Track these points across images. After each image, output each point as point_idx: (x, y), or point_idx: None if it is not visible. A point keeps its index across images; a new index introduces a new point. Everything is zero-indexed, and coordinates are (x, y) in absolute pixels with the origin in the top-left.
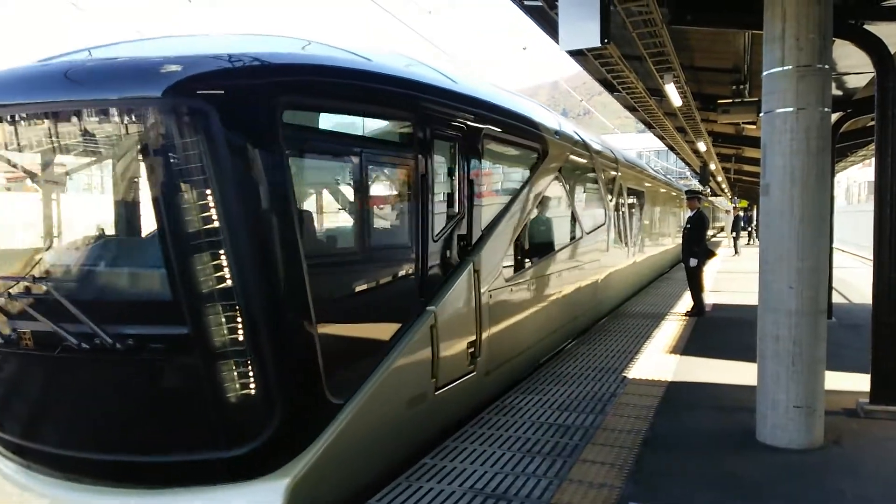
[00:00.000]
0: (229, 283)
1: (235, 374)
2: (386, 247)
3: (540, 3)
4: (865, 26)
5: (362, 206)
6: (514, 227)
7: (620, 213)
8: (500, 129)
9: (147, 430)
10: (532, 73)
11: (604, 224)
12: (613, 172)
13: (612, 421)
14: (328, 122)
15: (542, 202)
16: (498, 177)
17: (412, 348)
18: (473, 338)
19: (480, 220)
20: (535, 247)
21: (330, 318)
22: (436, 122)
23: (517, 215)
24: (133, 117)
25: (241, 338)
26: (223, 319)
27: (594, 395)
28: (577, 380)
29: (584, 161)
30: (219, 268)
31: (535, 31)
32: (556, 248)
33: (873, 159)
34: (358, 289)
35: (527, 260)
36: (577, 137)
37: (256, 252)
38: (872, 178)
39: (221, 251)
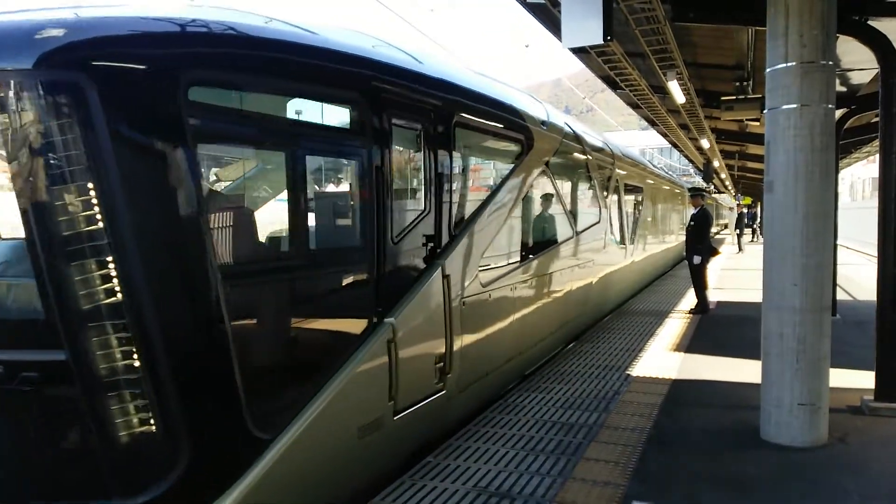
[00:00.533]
0: (119, 296)
1: (129, 407)
2: (332, 250)
3: (543, 1)
4: (869, 22)
5: (298, 204)
6: (494, 227)
7: (618, 210)
8: (475, 118)
9: (28, 476)
10: (535, 71)
11: (598, 222)
12: (610, 168)
13: (616, 419)
14: (250, 102)
15: (527, 199)
16: (474, 171)
17: (364, 367)
18: (443, 352)
19: (452, 220)
20: (518, 248)
21: (255, 336)
22: (394, 106)
23: (497, 214)
24: None
25: (135, 363)
26: (112, 341)
27: (598, 393)
28: (581, 378)
29: (577, 155)
30: (105, 279)
31: (538, 28)
32: (543, 248)
33: (878, 156)
34: (295, 301)
35: (508, 262)
36: (567, 130)
37: (151, 259)
38: (877, 175)
39: (108, 258)
